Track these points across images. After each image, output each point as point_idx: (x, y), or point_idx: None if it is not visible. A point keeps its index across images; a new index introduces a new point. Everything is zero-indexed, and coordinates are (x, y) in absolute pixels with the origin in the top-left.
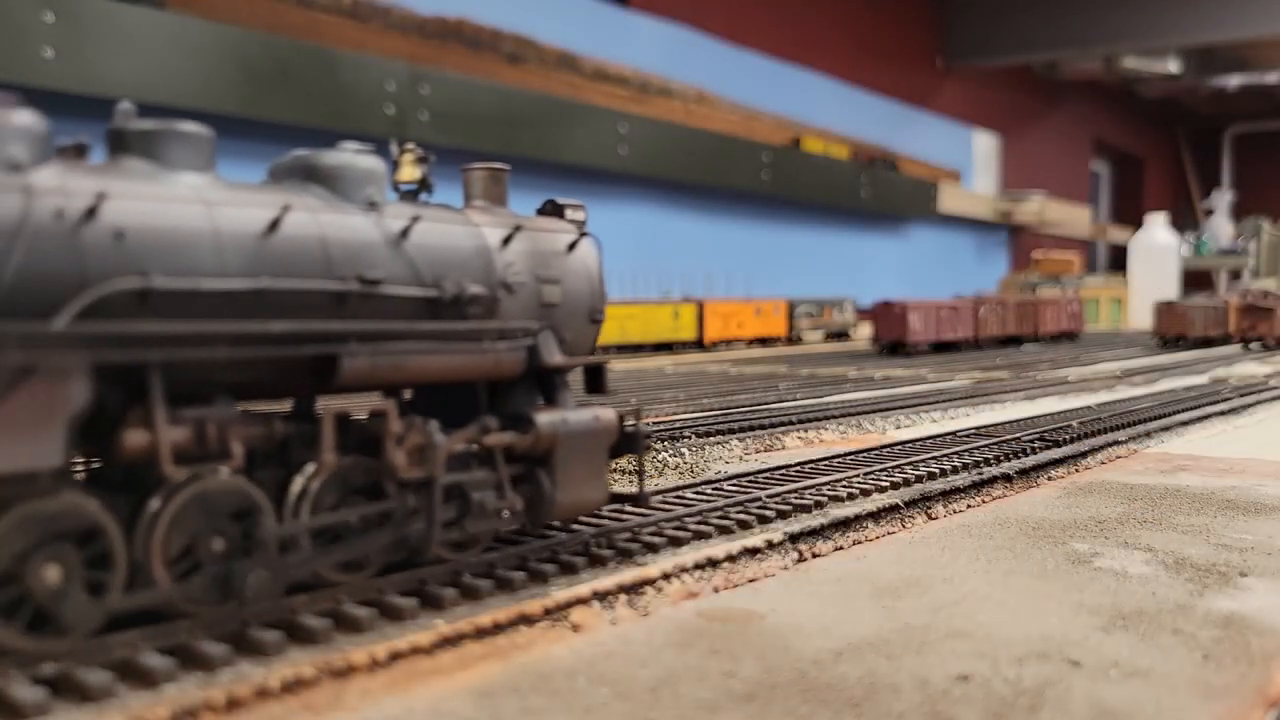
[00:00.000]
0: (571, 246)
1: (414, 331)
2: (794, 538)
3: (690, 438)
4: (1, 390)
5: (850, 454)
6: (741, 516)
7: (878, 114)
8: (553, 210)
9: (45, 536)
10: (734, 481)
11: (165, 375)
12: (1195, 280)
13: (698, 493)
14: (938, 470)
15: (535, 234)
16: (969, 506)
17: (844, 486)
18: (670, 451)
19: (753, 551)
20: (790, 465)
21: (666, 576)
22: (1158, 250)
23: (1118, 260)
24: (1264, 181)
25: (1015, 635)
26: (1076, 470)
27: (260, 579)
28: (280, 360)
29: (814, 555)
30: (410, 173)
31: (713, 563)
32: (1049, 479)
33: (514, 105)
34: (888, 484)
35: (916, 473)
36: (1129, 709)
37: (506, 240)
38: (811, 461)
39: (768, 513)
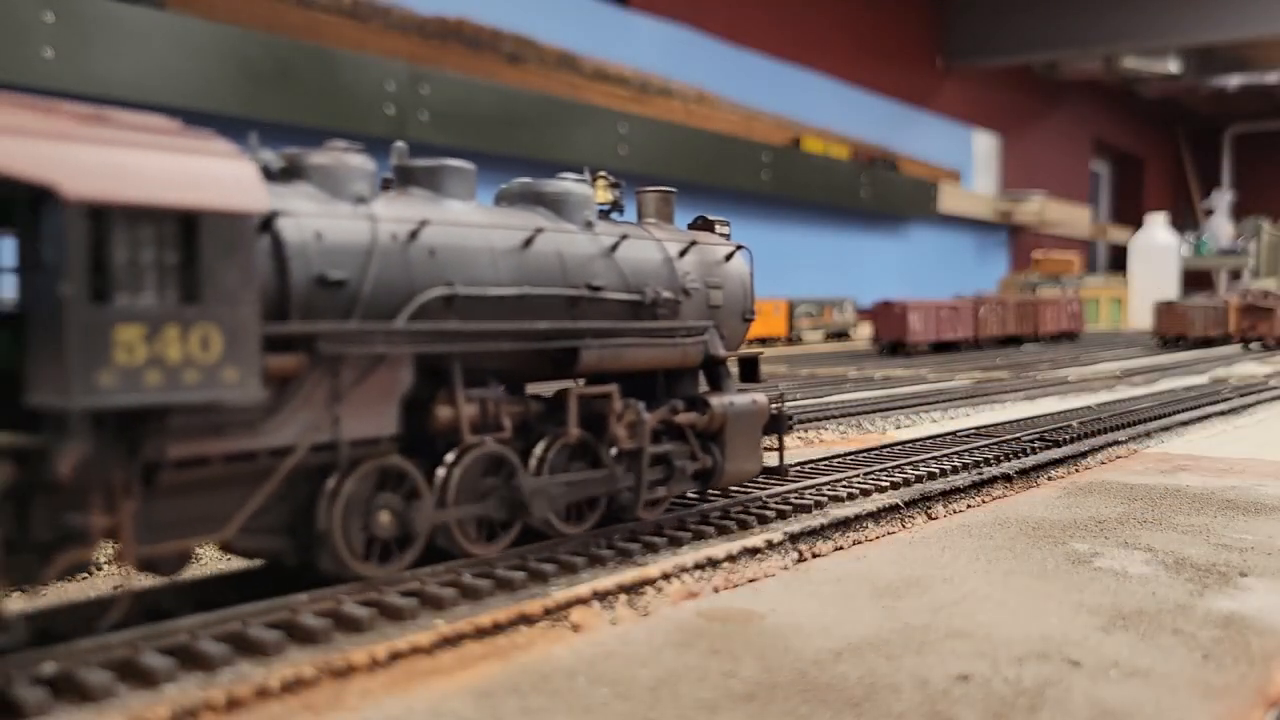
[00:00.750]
0: (728, 257)
1: (630, 329)
2: (794, 538)
3: None
4: (361, 375)
5: (850, 454)
6: (741, 516)
7: (878, 114)
8: (704, 225)
9: (381, 485)
10: None
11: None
12: (1195, 280)
13: (697, 491)
14: (938, 470)
15: (703, 247)
16: (969, 506)
17: (844, 486)
18: None
19: (753, 551)
20: (790, 465)
21: (666, 576)
22: (1158, 250)
23: (1118, 260)
24: (1264, 181)
25: (1015, 635)
26: (1076, 470)
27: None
28: (536, 351)
29: (814, 555)
30: (604, 195)
31: (713, 563)
32: (1049, 479)
33: (514, 105)
34: (888, 484)
35: (916, 473)
36: (1129, 709)
37: (683, 252)
38: (811, 461)
39: (768, 513)
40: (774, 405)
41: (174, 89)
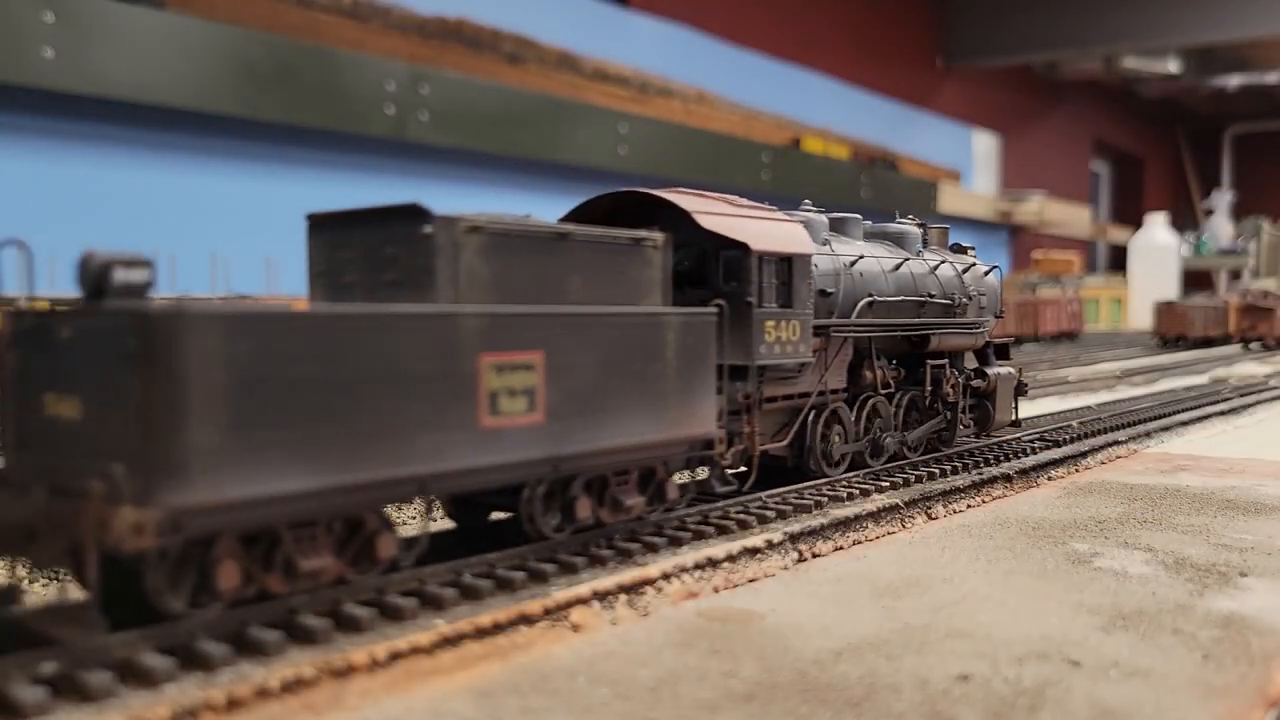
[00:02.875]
0: (987, 273)
1: (950, 323)
2: (794, 538)
3: None
4: (836, 351)
5: None
6: (741, 516)
7: (878, 114)
8: (959, 250)
9: (828, 418)
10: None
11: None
12: (1195, 280)
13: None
14: (938, 470)
15: (975, 266)
16: (969, 506)
17: (844, 486)
18: None
19: (753, 551)
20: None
21: (666, 576)
22: (1158, 250)
23: (1118, 260)
24: (1264, 181)
25: (1015, 635)
26: (1076, 470)
27: (892, 440)
28: (906, 338)
29: (814, 555)
30: (916, 231)
31: (713, 563)
32: (1049, 479)
33: (514, 105)
34: (888, 484)
35: (916, 473)
36: (1129, 709)
37: (965, 270)
38: None
39: (768, 513)
40: (1018, 375)
41: (174, 89)
